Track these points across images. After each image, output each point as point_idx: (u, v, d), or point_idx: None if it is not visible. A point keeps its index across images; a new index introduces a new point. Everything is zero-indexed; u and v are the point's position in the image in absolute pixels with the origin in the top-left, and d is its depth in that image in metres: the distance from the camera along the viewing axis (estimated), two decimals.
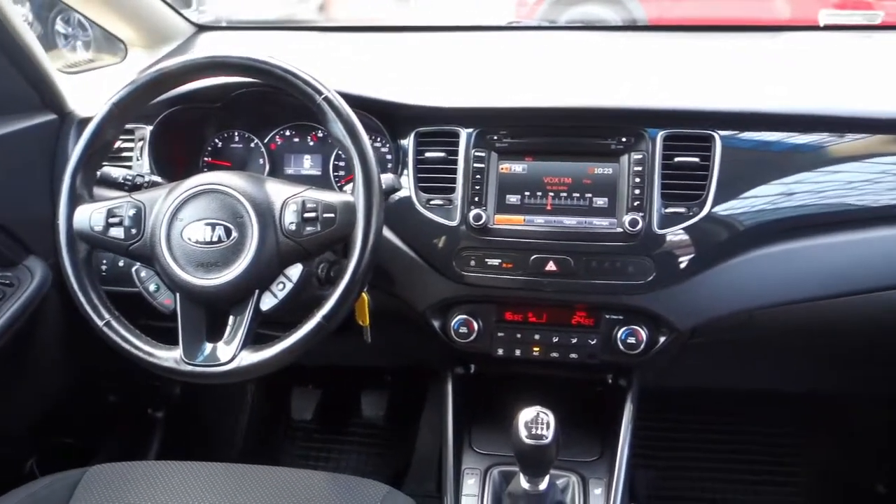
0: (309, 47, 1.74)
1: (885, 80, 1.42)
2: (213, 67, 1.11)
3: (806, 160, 1.23)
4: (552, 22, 1.92)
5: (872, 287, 1.22)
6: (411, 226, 1.26)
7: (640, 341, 1.23)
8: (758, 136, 1.23)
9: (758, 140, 1.23)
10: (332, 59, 1.64)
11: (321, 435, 2.00)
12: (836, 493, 1.85)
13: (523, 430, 1.04)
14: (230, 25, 1.94)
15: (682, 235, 1.18)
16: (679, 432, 1.94)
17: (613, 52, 1.62)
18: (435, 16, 1.99)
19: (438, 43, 1.75)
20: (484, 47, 1.68)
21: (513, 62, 1.55)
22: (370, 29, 1.89)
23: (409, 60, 1.60)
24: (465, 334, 1.28)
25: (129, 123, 1.21)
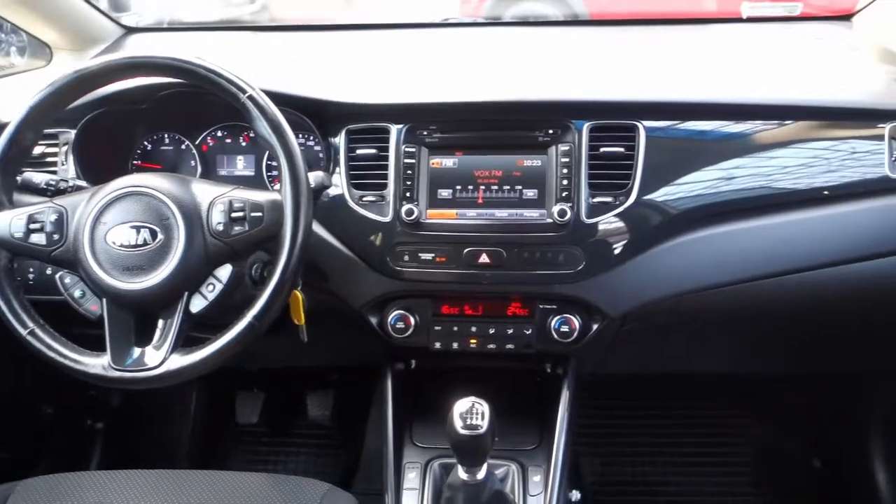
0: (242, 47, 1.72)
1: (803, 70, 1.48)
2: (133, 68, 1.09)
3: (729, 148, 1.26)
4: (495, 18, 1.94)
5: (795, 268, 1.26)
6: (344, 223, 1.26)
7: (574, 329, 1.26)
8: (681, 126, 1.26)
9: (681, 129, 1.26)
10: (265, 58, 1.63)
11: (269, 438, 1.99)
12: (774, 470, 1.90)
13: (458, 420, 1.05)
14: (160, 27, 1.91)
15: (610, 224, 1.21)
16: (623, 419, 1.98)
17: (545, 48, 1.64)
18: (381, 14, 1.98)
19: (376, 41, 1.75)
20: (421, 44, 1.69)
21: (447, 59, 1.56)
22: (307, 28, 1.88)
23: (345, 58, 1.60)
24: (402, 329, 1.29)
25: (49, 127, 1.19)
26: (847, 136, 1.27)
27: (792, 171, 1.27)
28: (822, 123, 1.27)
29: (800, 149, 1.28)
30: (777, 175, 1.27)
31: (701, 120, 1.26)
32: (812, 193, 1.26)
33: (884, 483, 1.67)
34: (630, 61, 1.48)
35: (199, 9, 2.25)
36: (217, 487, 1.15)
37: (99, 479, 1.16)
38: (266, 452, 1.97)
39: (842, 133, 1.27)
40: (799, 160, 1.27)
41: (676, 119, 1.25)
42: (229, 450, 1.96)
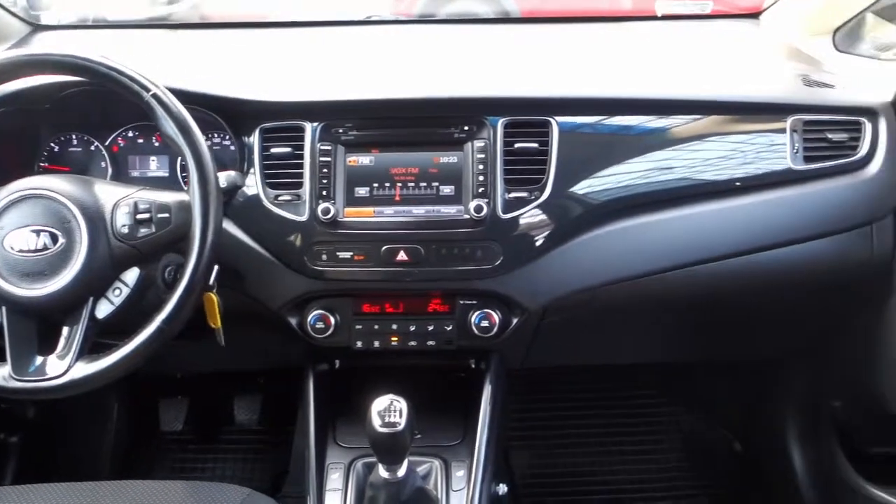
0: (158, 46, 1.68)
1: (712, 66, 1.52)
2: (29, 66, 1.05)
3: (642, 142, 1.29)
4: (428, 16, 1.93)
5: (708, 257, 1.30)
6: (260, 223, 1.24)
7: (494, 324, 1.27)
8: (594, 121, 1.28)
9: (594, 124, 1.28)
10: (180, 56, 1.59)
11: (195, 445, 1.94)
12: (698, 455, 1.96)
13: (377, 418, 1.05)
14: (71, 24, 1.84)
15: (526, 219, 1.22)
16: (554, 411, 2.01)
17: (467, 46, 1.65)
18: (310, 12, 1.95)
19: (299, 39, 1.72)
20: (342, 43, 1.67)
21: (366, 56, 1.55)
22: (229, 26, 1.84)
23: (263, 56, 1.57)
24: (323, 329, 1.28)
25: None
26: (755, 130, 1.31)
27: (703, 164, 1.30)
28: (730, 118, 1.31)
29: (711, 142, 1.31)
30: (689, 168, 1.30)
31: (613, 115, 1.28)
32: (724, 185, 1.30)
33: (799, 463, 1.73)
34: (547, 58, 1.50)
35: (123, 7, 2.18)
36: (132, 498, 1.11)
37: (7, 495, 1.11)
38: (193, 460, 1.92)
39: (749, 127, 1.31)
40: (710, 153, 1.31)
41: (589, 114, 1.27)
42: (154, 459, 1.91)
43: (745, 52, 1.63)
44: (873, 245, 1.32)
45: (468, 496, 1.22)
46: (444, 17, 1.89)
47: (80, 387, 1.00)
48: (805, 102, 1.32)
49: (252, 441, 1.94)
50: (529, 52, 1.56)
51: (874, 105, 1.31)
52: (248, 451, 1.93)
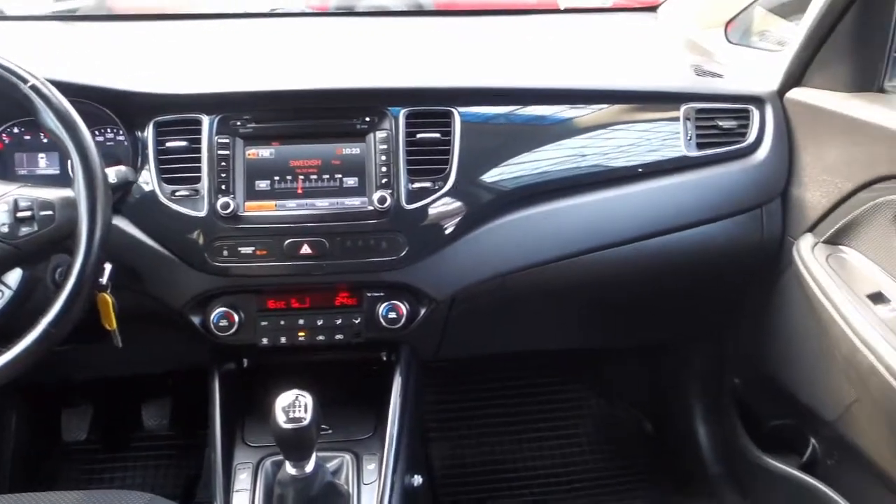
0: (56, 39, 1.60)
1: (614, 57, 1.56)
2: None
3: (545, 132, 1.31)
4: (346, 9, 1.91)
5: (611, 243, 1.34)
6: (157, 220, 1.20)
7: (402, 315, 1.26)
8: (497, 111, 1.30)
9: (497, 114, 1.30)
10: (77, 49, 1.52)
11: (103, 454, 1.87)
12: (611, 438, 2.01)
13: (281, 414, 1.03)
14: None
15: (431, 209, 1.23)
16: (470, 401, 2.03)
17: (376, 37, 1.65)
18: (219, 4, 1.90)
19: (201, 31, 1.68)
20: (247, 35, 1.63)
21: (269, 49, 1.53)
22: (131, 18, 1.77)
23: (162, 49, 1.52)
24: (227, 327, 1.25)
25: None
26: (651, 119, 1.36)
27: (605, 152, 1.34)
28: (629, 107, 1.35)
29: (611, 131, 1.35)
30: (591, 156, 1.33)
31: (515, 105, 1.30)
32: (626, 171, 1.34)
33: (704, 440, 1.80)
34: (452, 50, 1.51)
35: None
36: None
37: None
38: (100, 470, 1.84)
39: (647, 116, 1.36)
40: (611, 142, 1.35)
41: (491, 104, 1.29)
42: (58, 470, 1.83)
43: (642, 44, 1.68)
44: (763, 228, 1.38)
45: (379, 488, 1.21)
46: (356, 10, 1.88)
47: None
48: (696, 91, 1.37)
49: (162, 447, 1.87)
50: (435, 44, 1.57)
51: (761, 93, 1.37)
52: (160, 458, 1.87)
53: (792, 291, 1.33)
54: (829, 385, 1.26)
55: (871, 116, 1.16)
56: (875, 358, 1.05)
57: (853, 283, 1.16)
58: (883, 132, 1.12)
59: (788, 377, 1.40)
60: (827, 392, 1.27)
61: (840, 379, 1.22)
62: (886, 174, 1.12)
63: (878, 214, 1.14)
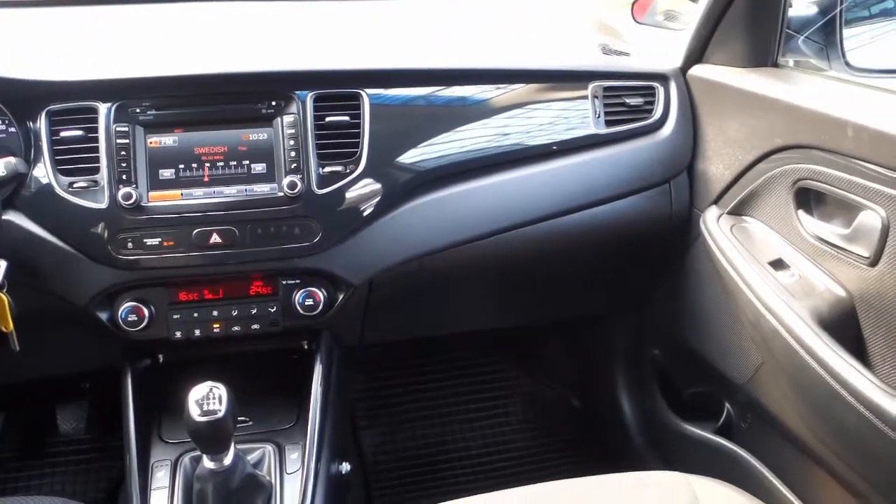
0: None
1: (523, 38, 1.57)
2: None
3: (456, 112, 1.31)
4: None
5: (525, 221, 1.34)
6: (55, 214, 1.15)
7: (319, 302, 1.25)
8: (406, 92, 1.29)
9: (407, 96, 1.29)
10: None
11: (17, 462, 1.79)
12: (540, 415, 2.05)
13: (195, 407, 1.01)
14: None
15: (342, 194, 1.21)
16: (398, 387, 2.03)
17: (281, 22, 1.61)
18: None
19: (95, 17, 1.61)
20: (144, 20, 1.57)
21: (167, 34, 1.48)
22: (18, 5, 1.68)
23: (53, 37, 1.45)
24: (136, 322, 1.21)
25: None
26: (560, 97, 1.37)
27: (516, 131, 1.35)
28: (539, 87, 1.36)
29: (520, 110, 1.36)
30: (501, 136, 1.33)
31: (425, 87, 1.30)
32: (537, 150, 1.35)
33: (628, 411, 1.85)
34: (359, 32, 1.49)
35: None
36: None
37: None
38: (15, 479, 1.77)
39: (555, 94, 1.37)
40: (520, 121, 1.35)
41: (400, 86, 1.28)
42: None
43: (551, 25, 1.70)
44: (672, 201, 1.42)
45: (302, 476, 1.20)
46: None
47: None
48: (603, 69, 1.39)
49: (80, 451, 1.81)
50: (342, 27, 1.54)
51: (665, 71, 1.40)
52: (79, 462, 1.80)
53: (701, 262, 1.37)
54: (739, 350, 1.31)
55: (767, 90, 1.20)
56: (777, 322, 1.10)
57: (756, 252, 1.21)
58: (777, 105, 1.16)
59: (702, 345, 1.45)
60: (737, 357, 1.32)
61: (747, 344, 1.27)
62: (782, 145, 1.16)
63: (776, 184, 1.19)
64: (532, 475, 1.91)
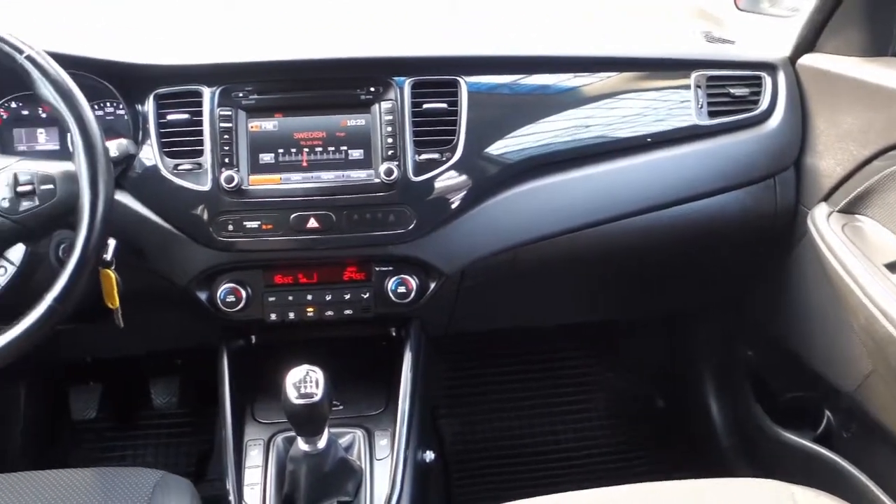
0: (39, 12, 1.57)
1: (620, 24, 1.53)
2: None
3: (553, 101, 1.29)
4: None
5: (622, 214, 1.31)
6: (160, 194, 1.19)
7: (411, 290, 1.25)
8: (504, 80, 1.27)
9: (504, 84, 1.27)
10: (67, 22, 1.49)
11: (112, 433, 1.87)
12: (623, 413, 2.00)
13: (292, 390, 1.02)
14: None
15: (438, 181, 1.20)
16: (481, 377, 2.02)
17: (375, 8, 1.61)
18: None
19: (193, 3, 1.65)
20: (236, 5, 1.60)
21: (267, 19, 1.50)
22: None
23: (156, 21, 1.50)
24: (233, 303, 1.23)
25: None
26: (661, 87, 1.33)
27: (615, 122, 1.31)
28: (638, 75, 1.32)
29: (621, 100, 1.32)
30: (601, 126, 1.30)
31: (522, 74, 1.27)
32: (635, 142, 1.31)
33: (717, 413, 1.79)
34: (457, 18, 1.48)
35: None
36: (41, 489, 1.05)
37: None
38: (111, 448, 1.85)
39: (656, 84, 1.33)
40: (621, 111, 1.32)
41: (498, 73, 1.26)
42: (68, 448, 1.83)
43: (649, 12, 1.65)
44: (777, 197, 1.35)
45: (392, 463, 1.20)
46: None
47: None
48: (708, 58, 1.34)
49: (172, 425, 1.87)
50: (440, 13, 1.54)
51: (773, 60, 1.34)
52: (170, 436, 1.87)
53: (807, 261, 1.31)
54: (846, 356, 1.24)
55: (889, 81, 1.12)
56: (893, 327, 1.03)
57: (870, 253, 1.14)
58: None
59: (803, 348, 1.38)
60: (843, 363, 1.25)
61: (857, 349, 1.20)
62: None
63: (895, 182, 1.12)
64: (612, 474, 1.87)
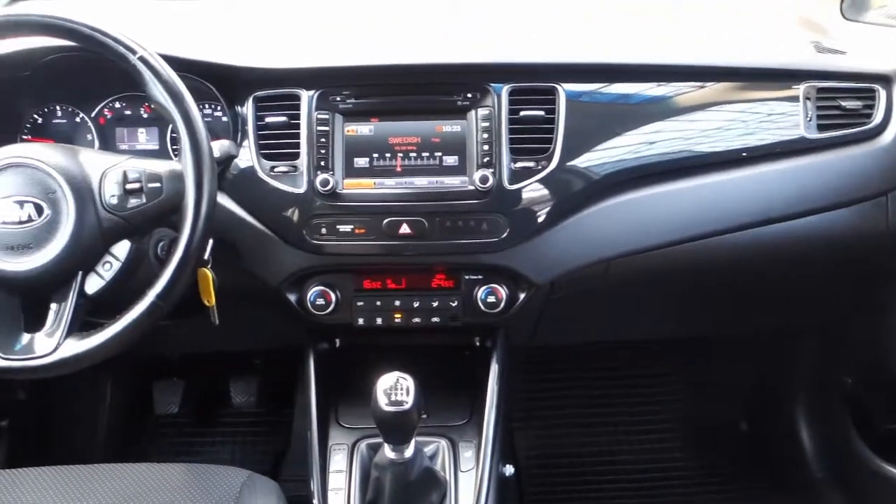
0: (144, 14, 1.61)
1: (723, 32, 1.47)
2: (8, 28, 1.00)
3: (650, 110, 1.25)
4: None
5: (718, 230, 1.26)
6: (256, 196, 1.19)
7: (501, 299, 1.22)
8: (602, 88, 1.23)
9: (602, 92, 1.24)
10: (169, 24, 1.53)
11: (192, 428, 1.90)
12: (704, 434, 1.93)
13: (382, 397, 1.01)
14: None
15: (533, 190, 1.18)
16: (556, 390, 1.98)
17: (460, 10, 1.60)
18: None
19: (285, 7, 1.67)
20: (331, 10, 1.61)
21: (358, 23, 1.50)
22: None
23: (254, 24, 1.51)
24: (323, 306, 1.23)
25: None
26: (765, 98, 1.27)
27: (713, 133, 1.26)
28: (741, 85, 1.27)
29: (721, 111, 1.27)
30: (699, 137, 1.26)
31: (622, 82, 1.24)
32: (733, 155, 1.26)
33: (808, 441, 1.71)
34: (550, 24, 1.45)
35: None
36: (130, 481, 1.07)
37: None
38: (189, 443, 1.88)
39: (760, 94, 1.27)
40: (720, 122, 1.27)
41: (597, 81, 1.23)
42: (149, 442, 1.87)
43: (752, 19, 1.58)
44: (889, 216, 1.28)
45: (477, 477, 1.18)
46: None
47: (70, 365, 0.96)
48: (818, 69, 1.28)
49: (249, 423, 1.90)
50: (535, 19, 1.51)
51: (888, 72, 1.27)
52: (246, 434, 1.89)
53: None
54: None
55: None
56: None
57: None
58: None
59: None
60: None
61: None
62: None
63: None
64: (689, 499, 1.80)
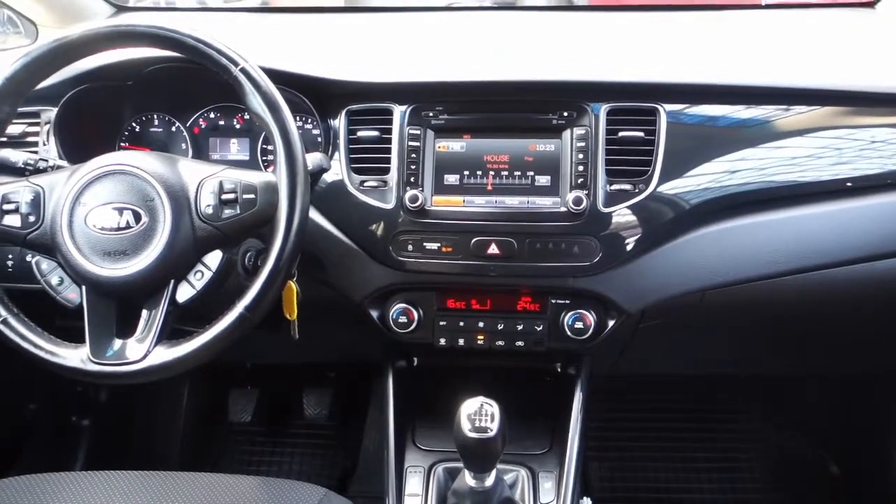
0: (241, 27, 1.64)
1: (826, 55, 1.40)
2: (116, 38, 1.01)
3: (752, 135, 1.19)
4: (506, 4, 1.87)
5: (820, 264, 1.19)
6: (344, 210, 1.18)
7: (588, 326, 1.18)
8: (703, 111, 1.18)
9: (703, 114, 1.19)
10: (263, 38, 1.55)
11: (263, 438, 1.91)
12: (788, 475, 1.83)
13: (466, 422, 0.98)
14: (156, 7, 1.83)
15: (629, 214, 1.13)
16: (631, 422, 1.91)
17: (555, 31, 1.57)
18: None
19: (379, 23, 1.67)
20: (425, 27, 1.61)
21: (450, 40, 1.48)
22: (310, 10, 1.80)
23: (346, 39, 1.52)
24: (405, 324, 1.21)
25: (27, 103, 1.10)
26: (872, 124, 1.20)
27: (816, 160, 1.20)
28: (847, 110, 1.20)
29: (824, 137, 1.20)
30: (801, 164, 1.19)
31: (725, 104, 1.18)
32: (836, 184, 1.19)
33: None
34: (643, 44, 1.41)
35: None
36: (206, 491, 1.07)
37: (77, 481, 1.08)
38: (260, 453, 1.89)
39: (867, 121, 1.20)
40: (823, 148, 1.20)
41: (699, 102, 1.18)
42: (221, 450, 1.89)
43: (860, 42, 1.50)
44: None
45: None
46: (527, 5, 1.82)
47: (159, 373, 0.96)
48: None
49: (320, 437, 1.89)
50: (628, 40, 1.46)
51: None
52: (316, 447, 1.89)
53: None
54: None
55: None
56: None
57: None
58: None
59: None
60: None
61: None
62: None
63: None
64: None
